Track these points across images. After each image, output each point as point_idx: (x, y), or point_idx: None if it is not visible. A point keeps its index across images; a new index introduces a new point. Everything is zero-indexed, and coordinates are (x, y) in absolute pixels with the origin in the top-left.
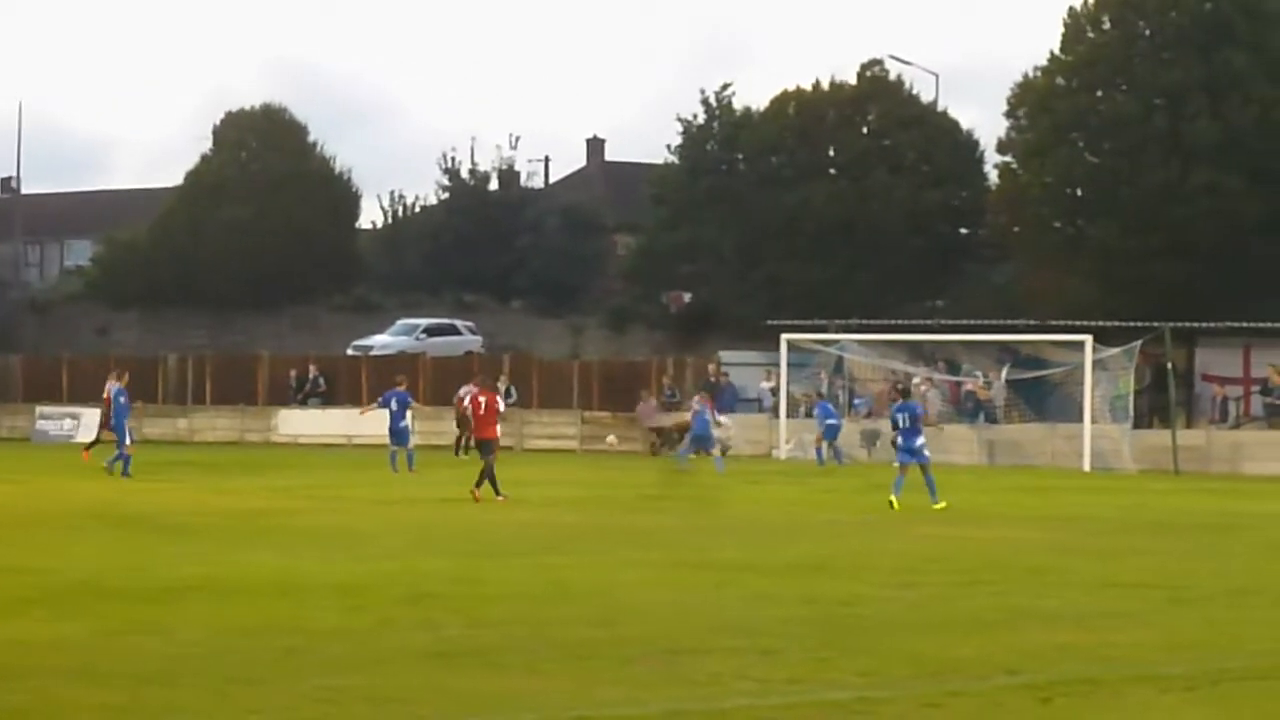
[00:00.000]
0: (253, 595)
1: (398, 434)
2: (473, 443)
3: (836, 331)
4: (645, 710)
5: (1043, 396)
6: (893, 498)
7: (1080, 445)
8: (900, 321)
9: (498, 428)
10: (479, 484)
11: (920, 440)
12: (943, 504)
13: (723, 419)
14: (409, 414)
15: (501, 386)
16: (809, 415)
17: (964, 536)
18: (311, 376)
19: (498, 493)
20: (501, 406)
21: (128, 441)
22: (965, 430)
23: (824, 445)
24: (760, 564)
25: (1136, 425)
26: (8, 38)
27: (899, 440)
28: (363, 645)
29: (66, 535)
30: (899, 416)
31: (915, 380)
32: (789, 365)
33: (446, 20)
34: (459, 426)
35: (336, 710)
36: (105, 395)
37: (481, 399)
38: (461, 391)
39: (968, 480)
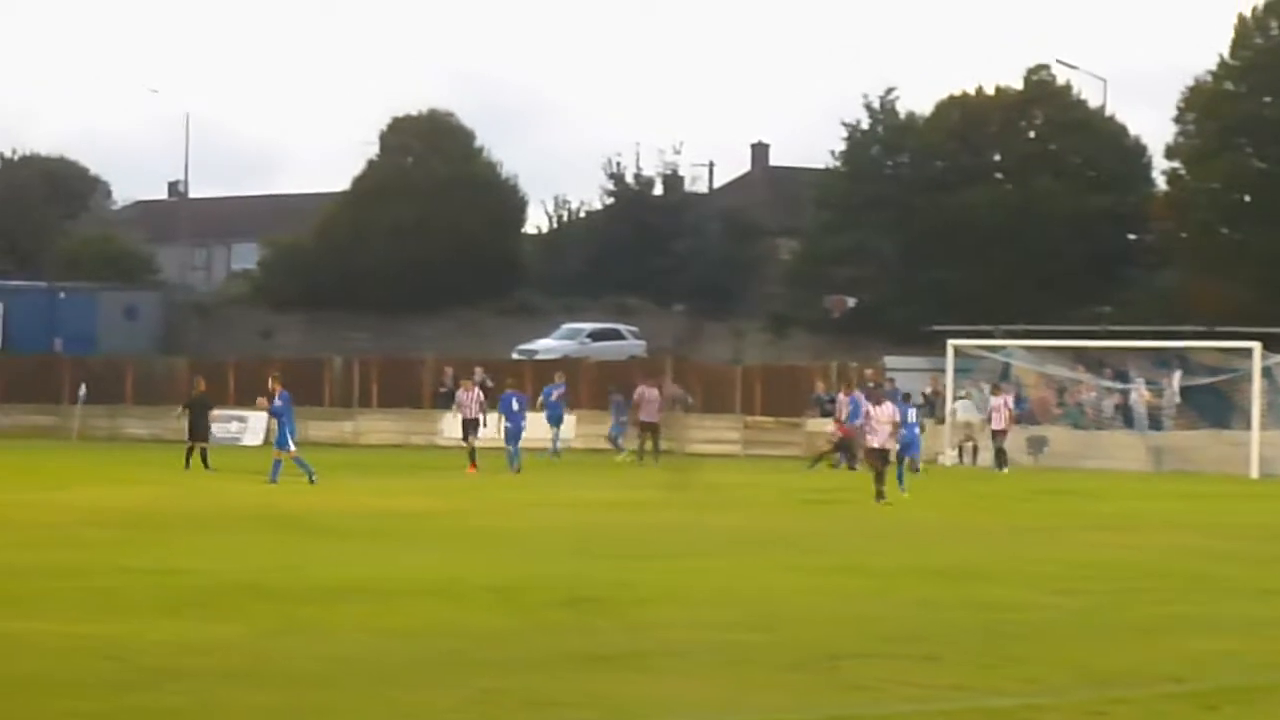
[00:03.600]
0: (411, 597)
1: (514, 434)
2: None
3: (1002, 337)
4: (807, 715)
5: (1210, 403)
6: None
7: (1248, 452)
8: (1065, 328)
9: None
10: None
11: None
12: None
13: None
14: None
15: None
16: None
17: (1126, 544)
18: (479, 380)
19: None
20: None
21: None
22: (1130, 437)
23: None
24: (919, 569)
25: None
26: (183, 43)
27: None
28: (521, 648)
29: (224, 537)
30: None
31: (1080, 384)
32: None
33: (613, 27)
34: (642, 430)
35: (496, 712)
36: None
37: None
38: (637, 394)
39: (1132, 486)
